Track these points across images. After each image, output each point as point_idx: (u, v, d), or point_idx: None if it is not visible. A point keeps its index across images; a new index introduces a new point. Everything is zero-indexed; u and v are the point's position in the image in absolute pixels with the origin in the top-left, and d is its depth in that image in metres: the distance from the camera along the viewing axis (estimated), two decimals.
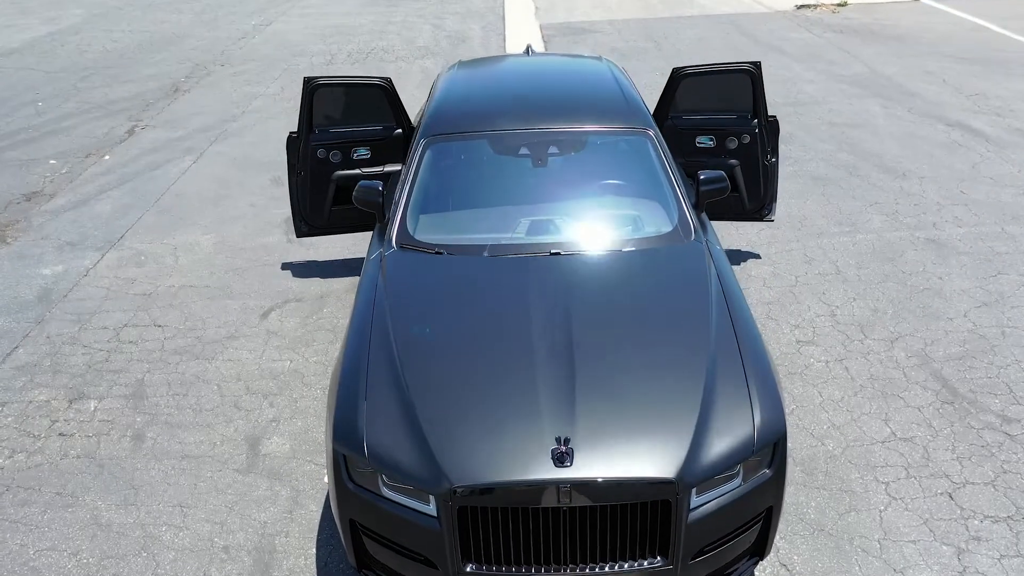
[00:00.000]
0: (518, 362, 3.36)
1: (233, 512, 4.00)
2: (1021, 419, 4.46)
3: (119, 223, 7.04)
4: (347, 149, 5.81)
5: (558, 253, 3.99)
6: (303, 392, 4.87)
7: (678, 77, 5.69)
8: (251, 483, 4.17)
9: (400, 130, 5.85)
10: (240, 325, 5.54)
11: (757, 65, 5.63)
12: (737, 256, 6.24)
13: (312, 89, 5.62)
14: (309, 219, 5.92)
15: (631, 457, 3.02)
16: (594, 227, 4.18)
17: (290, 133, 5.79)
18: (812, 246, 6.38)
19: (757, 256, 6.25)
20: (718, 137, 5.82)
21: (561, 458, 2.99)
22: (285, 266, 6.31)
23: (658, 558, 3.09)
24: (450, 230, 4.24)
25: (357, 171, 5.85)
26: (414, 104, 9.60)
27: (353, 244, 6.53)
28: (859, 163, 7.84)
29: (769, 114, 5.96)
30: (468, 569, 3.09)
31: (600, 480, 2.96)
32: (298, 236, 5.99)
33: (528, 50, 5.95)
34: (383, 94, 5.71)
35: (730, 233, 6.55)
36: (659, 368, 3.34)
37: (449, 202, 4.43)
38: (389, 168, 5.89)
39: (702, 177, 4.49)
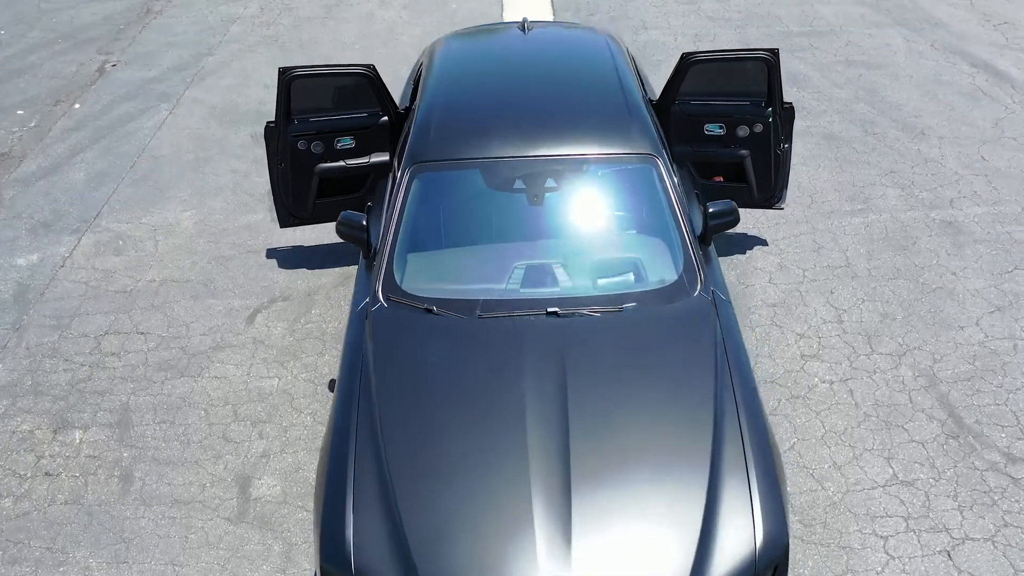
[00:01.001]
0: (512, 467, 3.21)
1: (226, 571, 3.96)
2: None
3: (94, 196, 6.69)
4: (330, 139, 5.42)
5: (555, 312, 3.76)
6: (293, 419, 4.75)
7: (687, 63, 5.21)
8: (243, 535, 4.12)
9: (386, 117, 5.43)
10: (225, 332, 5.35)
11: (775, 52, 5.14)
12: (743, 243, 5.97)
13: (288, 81, 5.16)
14: (293, 211, 5.61)
15: None
16: (593, 278, 3.92)
17: (267, 123, 5.38)
18: (822, 229, 6.08)
19: (764, 243, 5.97)
20: (728, 125, 5.41)
21: None
22: (270, 253, 6.04)
23: None
24: (439, 277, 3.98)
25: (341, 163, 5.47)
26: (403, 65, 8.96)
27: None
28: (876, 117, 7.39)
29: (785, 100, 5.51)
30: None
31: None
32: (282, 227, 5.69)
33: (524, 25, 5.43)
34: (367, 82, 5.25)
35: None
36: (659, 472, 3.20)
37: (438, 242, 4.14)
38: (375, 159, 5.51)
39: (711, 210, 4.18)
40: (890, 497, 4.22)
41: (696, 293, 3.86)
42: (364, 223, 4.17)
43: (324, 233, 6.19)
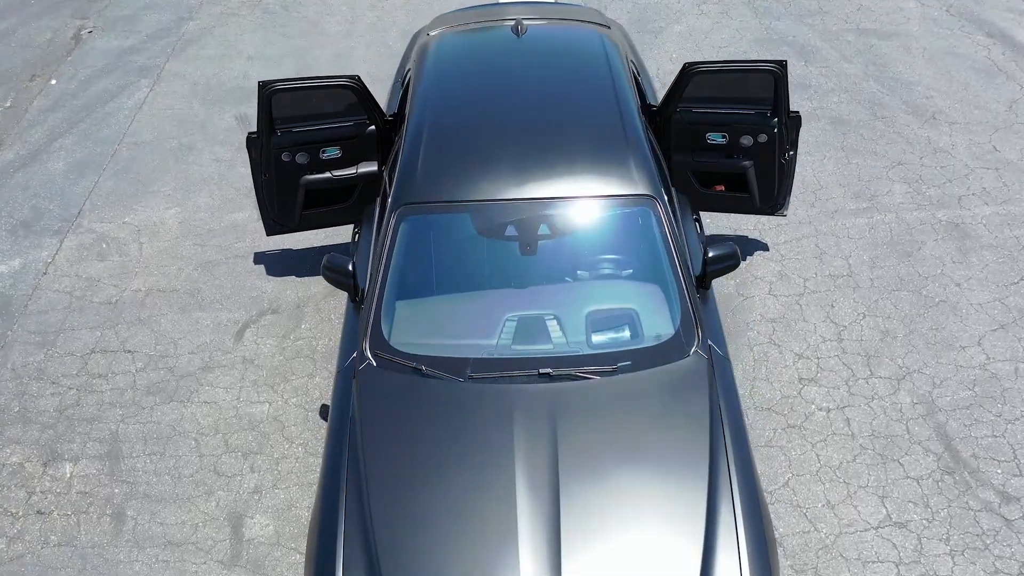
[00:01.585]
0: (501, 536, 3.18)
1: None
2: (1020, 497, 4.35)
3: (74, 190, 6.47)
4: (315, 149, 5.19)
5: (547, 373, 3.66)
6: (284, 450, 4.71)
7: (688, 74, 4.93)
8: None
9: (373, 127, 5.18)
10: (214, 350, 5.25)
11: (782, 64, 4.86)
12: (743, 247, 5.80)
13: (268, 95, 4.89)
14: (279, 220, 5.42)
15: None
16: (587, 332, 3.80)
17: (249, 134, 5.14)
18: (825, 232, 5.91)
19: (764, 247, 5.81)
20: (731, 134, 5.17)
21: None
22: (258, 258, 5.88)
23: None
24: (428, 331, 3.86)
25: (327, 174, 5.26)
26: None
27: (328, 233, 6.00)
28: (886, 98, 7.09)
29: (792, 109, 5.24)
30: None
31: None
32: (269, 235, 5.51)
33: (518, 26, 5.11)
34: (352, 94, 4.99)
35: (737, 214, 6.01)
36: (651, 545, 3.18)
37: (427, 290, 4.00)
38: (363, 169, 5.30)
39: (710, 255, 4.02)
40: (882, 540, 4.22)
41: (693, 351, 3.75)
42: (350, 268, 4.02)
43: (312, 235, 6.01)
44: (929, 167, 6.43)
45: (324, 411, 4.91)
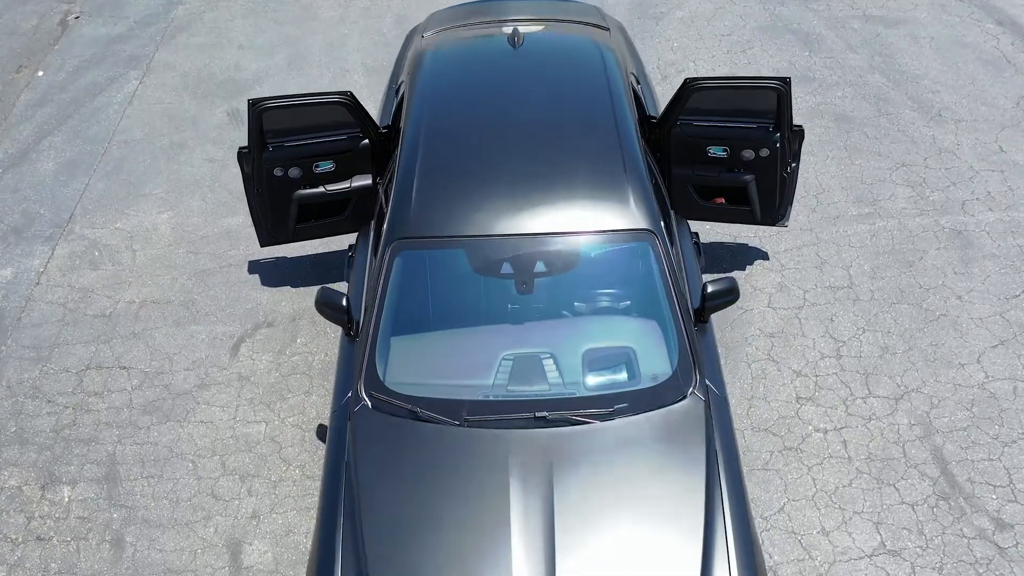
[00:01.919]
0: None
1: None
2: (1014, 524, 4.37)
3: (65, 192, 6.37)
4: (308, 164, 5.08)
5: (543, 416, 3.64)
6: (282, 472, 4.71)
7: (689, 90, 4.80)
8: None
9: (367, 140, 5.07)
10: (210, 367, 5.22)
11: (786, 81, 4.73)
12: (743, 256, 5.73)
13: (259, 112, 4.77)
14: (272, 234, 5.35)
15: None
16: (584, 373, 3.77)
17: (240, 148, 5.03)
18: (826, 239, 5.83)
19: (765, 256, 5.74)
20: (733, 147, 5.06)
21: None
22: (252, 267, 5.82)
23: None
24: (423, 371, 3.83)
25: (321, 189, 5.16)
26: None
27: (324, 241, 5.88)
28: (891, 92, 6.94)
29: (795, 123, 5.12)
30: None
31: None
32: (262, 246, 5.45)
33: (515, 37, 4.95)
34: (345, 110, 4.86)
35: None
36: None
37: (422, 327, 3.95)
38: (357, 183, 5.20)
39: (709, 290, 3.97)
40: (876, 569, 4.25)
41: (690, 392, 3.72)
42: (345, 304, 3.97)
43: (307, 244, 5.92)
44: (933, 169, 6.32)
45: (321, 432, 4.91)
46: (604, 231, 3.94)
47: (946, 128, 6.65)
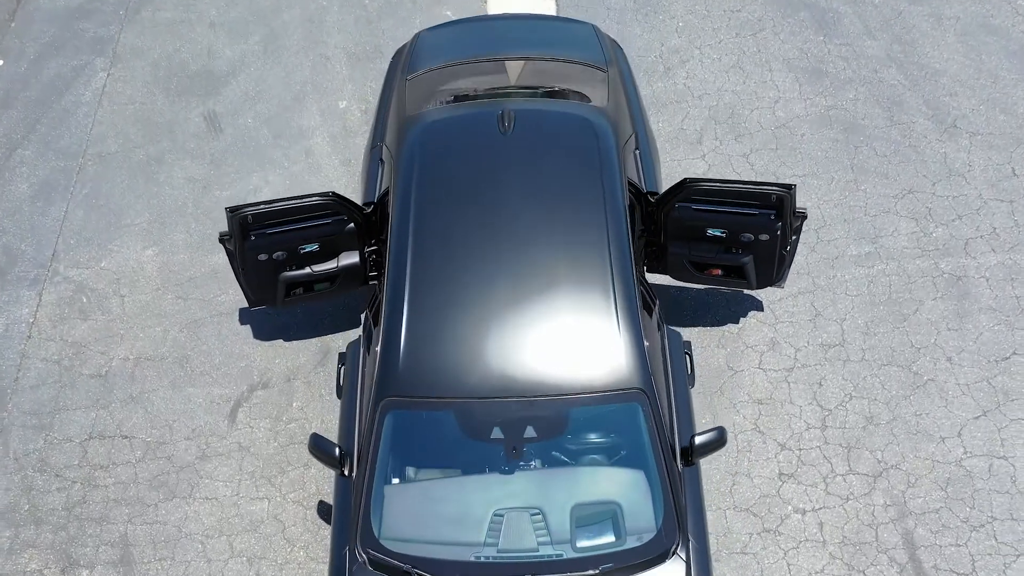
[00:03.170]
0: None
1: None
2: None
3: (44, 223, 6.17)
4: (293, 247, 4.92)
5: None
6: (287, 554, 4.97)
7: (689, 190, 4.55)
8: None
9: (353, 224, 4.88)
10: (209, 436, 5.34)
11: (790, 188, 4.46)
12: (737, 306, 5.67)
13: (238, 221, 4.55)
14: (260, 301, 5.27)
15: None
16: (572, 532, 3.90)
17: (222, 234, 4.86)
18: (823, 285, 5.75)
19: (759, 307, 5.68)
20: (732, 229, 4.88)
21: None
22: (243, 317, 5.77)
23: None
24: (417, 527, 3.97)
25: (307, 270, 5.04)
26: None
27: None
28: (907, 94, 6.53)
29: (799, 208, 4.86)
30: None
31: None
32: (251, 307, 5.39)
33: (504, 117, 4.60)
34: (328, 205, 4.64)
35: None
36: None
37: (416, 479, 4.04)
38: (344, 261, 5.06)
39: (697, 442, 4.03)
40: None
41: (672, 553, 3.88)
42: (337, 454, 4.04)
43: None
44: (941, 197, 6.10)
45: (322, 509, 5.12)
46: (595, 392, 3.93)
47: (959, 144, 6.33)
